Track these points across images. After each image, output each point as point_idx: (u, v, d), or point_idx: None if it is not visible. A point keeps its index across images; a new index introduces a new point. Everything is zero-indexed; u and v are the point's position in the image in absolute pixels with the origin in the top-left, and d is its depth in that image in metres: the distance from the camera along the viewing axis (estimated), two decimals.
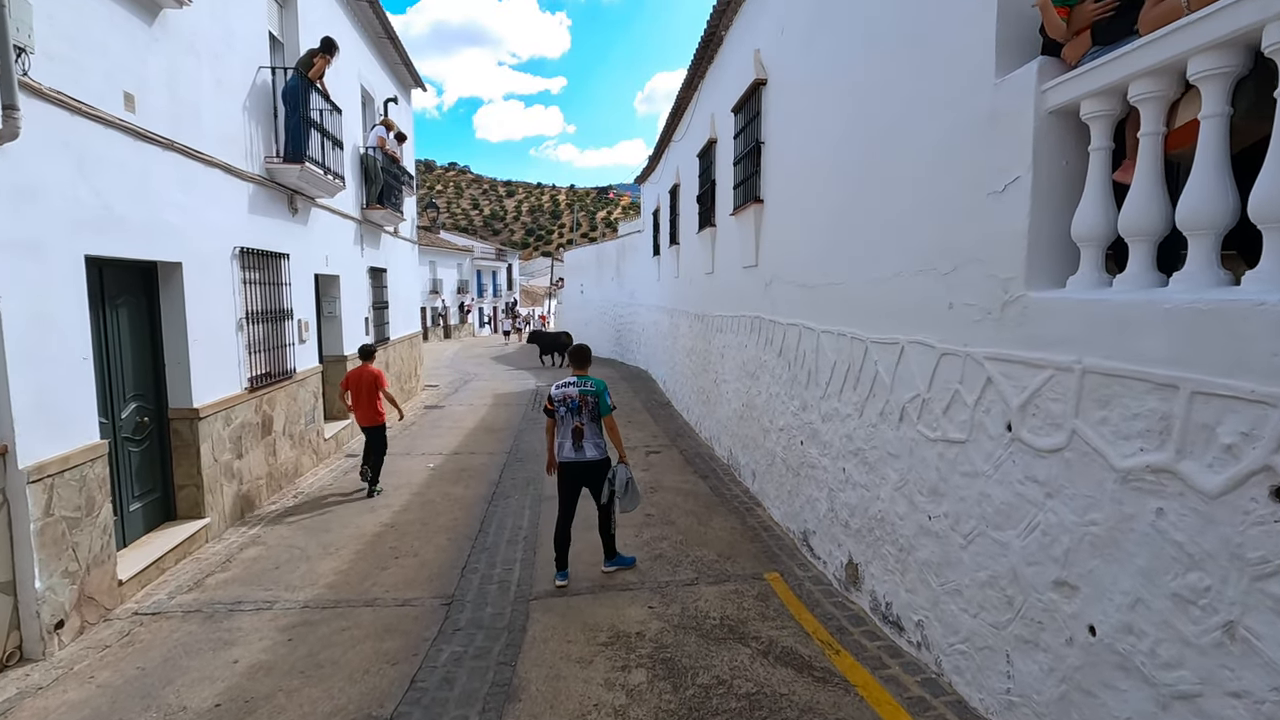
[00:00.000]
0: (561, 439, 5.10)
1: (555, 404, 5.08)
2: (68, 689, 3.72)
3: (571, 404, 5.04)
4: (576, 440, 5.04)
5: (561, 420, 5.08)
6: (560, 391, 5.09)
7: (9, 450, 3.83)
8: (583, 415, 5.03)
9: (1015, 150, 2.95)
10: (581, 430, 5.02)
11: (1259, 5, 1.88)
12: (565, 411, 5.06)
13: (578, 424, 5.03)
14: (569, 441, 5.06)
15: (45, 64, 4.13)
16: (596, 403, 5.05)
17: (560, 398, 5.07)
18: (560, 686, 3.70)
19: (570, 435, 5.04)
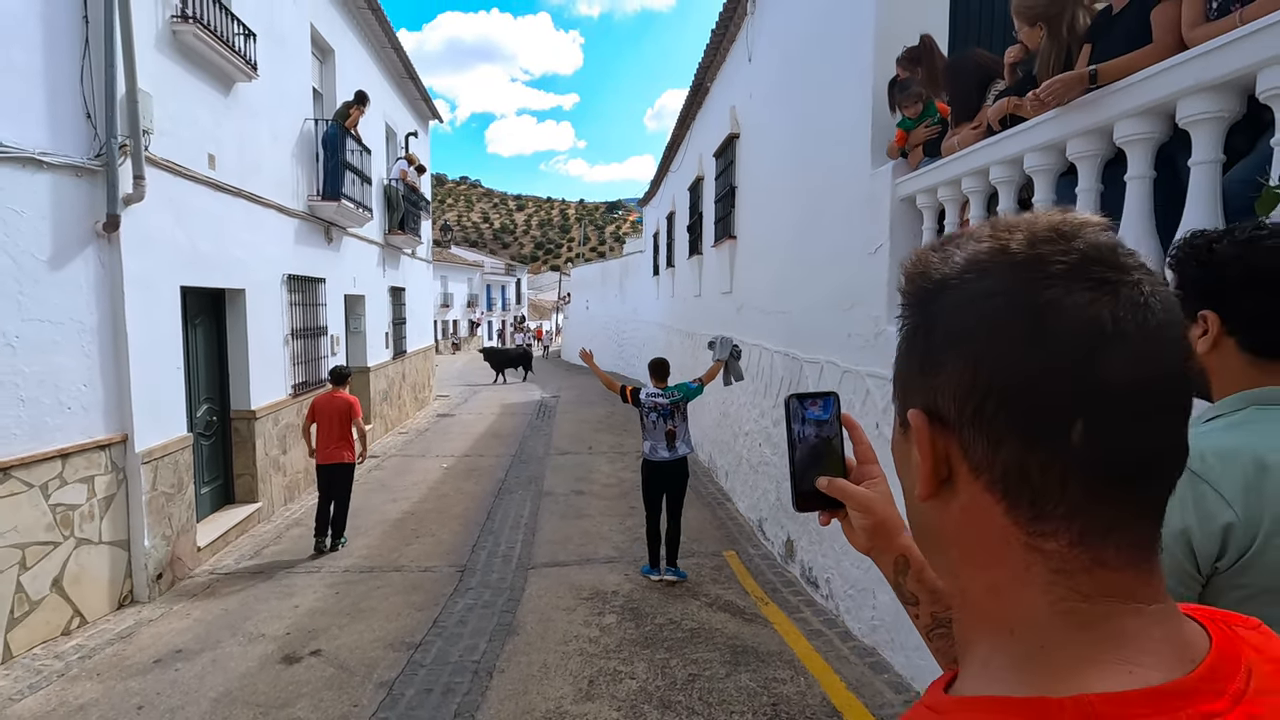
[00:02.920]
0: (654, 442, 5.51)
1: (645, 409, 5.52)
2: (171, 621, 4.84)
3: (663, 410, 5.47)
4: (670, 442, 5.47)
5: (653, 425, 5.50)
6: (651, 400, 5.51)
7: (129, 438, 4.98)
8: (675, 419, 5.50)
9: (882, 223, 4.07)
10: (674, 432, 5.49)
11: (985, 154, 2.99)
12: (656, 417, 5.48)
13: (670, 427, 5.47)
14: (662, 444, 5.48)
15: (157, 139, 5.32)
16: (687, 401, 5.57)
17: (651, 405, 5.50)
18: (549, 626, 4.79)
19: (664, 438, 5.47)
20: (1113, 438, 0.41)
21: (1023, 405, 0.42)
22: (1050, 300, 0.41)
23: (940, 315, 0.46)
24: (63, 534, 4.51)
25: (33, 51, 4.35)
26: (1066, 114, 2.42)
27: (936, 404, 0.46)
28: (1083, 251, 0.42)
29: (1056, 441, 0.41)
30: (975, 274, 0.45)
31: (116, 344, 4.91)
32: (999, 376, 0.42)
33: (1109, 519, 0.42)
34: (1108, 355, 0.41)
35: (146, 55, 5.13)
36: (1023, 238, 0.44)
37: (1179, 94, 1.99)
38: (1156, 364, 0.42)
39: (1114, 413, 0.41)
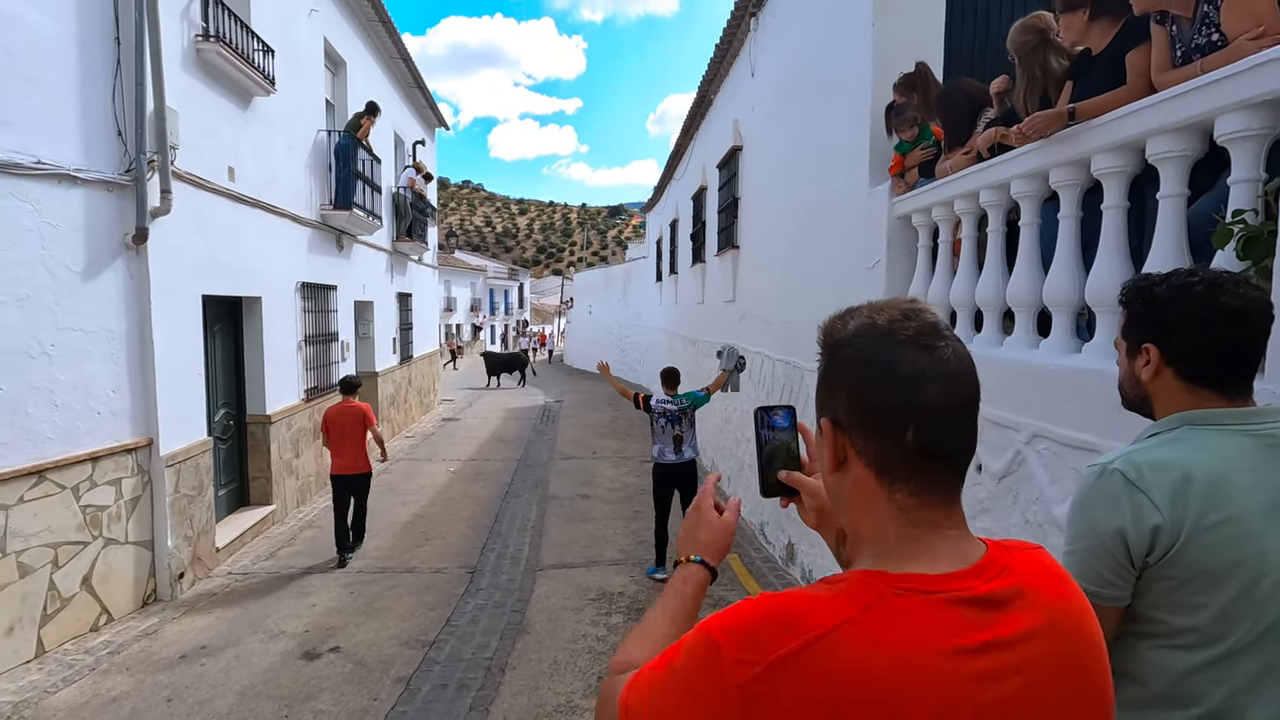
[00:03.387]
0: (663, 446, 5.88)
1: (655, 415, 5.89)
2: (194, 619, 5.02)
3: (671, 416, 5.86)
4: (677, 445, 5.86)
5: (662, 430, 5.87)
6: (661, 406, 5.89)
7: (154, 442, 5.17)
8: (682, 425, 5.88)
9: (879, 239, 4.26)
10: (681, 437, 5.87)
11: (975, 179, 3.18)
12: (665, 423, 5.85)
13: (678, 432, 5.86)
14: (670, 447, 5.86)
15: (181, 153, 5.52)
16: (694, 409, 5.97)
17: (660, 411, 5.88)
18: (558, 625, 4.96)
19: (671, 442, 5.86)
20: (931, 437, 0.72)
21: (882, 417, 0.73)
22: (896, 357, 0.72)
23: (839, 361, 0.77)
24: (92, 534, 4.70)
25: (68, 73, 4.55)
26: (1049, 146, 2.61)
27: (836, 415, 0.77)
28: (917, 327, 0.73)
29: (901, 438, 0.72)
30: (858, 338, 0.76)
31: (143, 351, 5.11)
32: (869, 400, 0.74)
33: (931, 482, 0.73)
34: (926, 389, 0.71)
35: (172, 73, 5.34)
36: (884, 318, 0.75)
37: (1148, 133, 2.18)
38: (955, 395, 0.72)
39: (931, 422, 0.71)
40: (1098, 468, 1.21)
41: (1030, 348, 2.87)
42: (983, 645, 0.68)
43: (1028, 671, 0.69)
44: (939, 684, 0.66)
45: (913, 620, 0.67)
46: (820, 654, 0.65)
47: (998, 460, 2.96)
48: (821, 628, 0.66)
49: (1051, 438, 2.60)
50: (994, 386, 2.99)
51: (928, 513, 0.74)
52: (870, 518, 0.76)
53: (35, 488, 4.32)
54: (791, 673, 0.65)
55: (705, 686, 0.69)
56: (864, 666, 0.65)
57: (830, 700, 0.64)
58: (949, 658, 0.66)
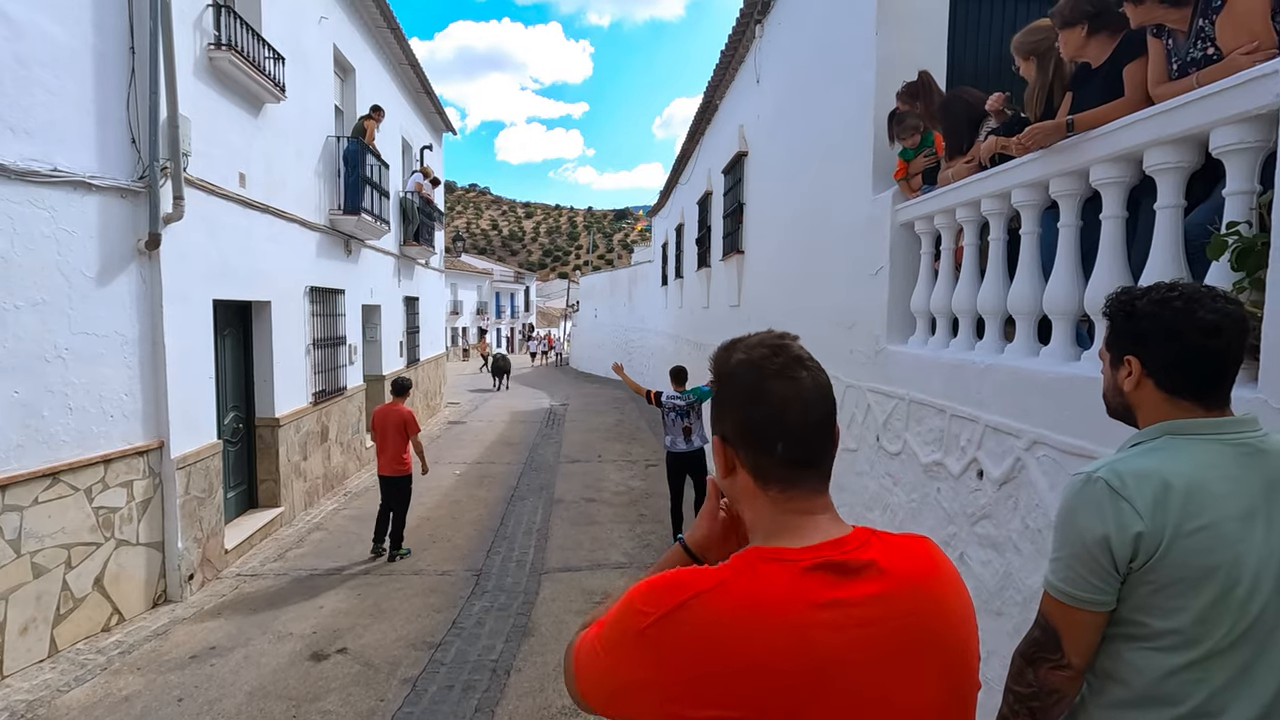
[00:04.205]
0: (674, 436, 6.66)
1: (666, 409, 6.67)
2: (204, 620, 5.08)
3: (680, 410, 6.63)
4: (687, 436, 6.64)
5: (672, 423, 6.65)
6: (671, 402, 6.67)
7: (165, 444, 5.24)
8: (690, 417, 6.64)
9: (882, 246, 4.29)
10: (690, 429, 6.64)
11: (976, 188, 3.21)
12: (676, 416, 6.62)
13: (687, 424, 6.64)
14: (680, 438, 6.63)
15: (193, 160, 5.60)
16: (700, 403, 6.67)
17: (670, 406, 6.66)
18: (563, 628, 5.00)
19: (682, 433, 6.63)
20: (795, 449, 0.89)
21: (756, 435, 0.90)
22: (766, 385, 0.89)
23: (724, 389, 0.94)
24: (104, 535, 4.77)
25: (84, 82, 4.63)
26: (1049, 156, 2.64)
27: (725, 433, 0.94)
28: (784, 361, 0.90)
29: (772, 451, 0.89)
30: (738, 369, 0.92)
31: (155, 355, 5.18)
32: (746, 421, 0.91)
33: (796, 481, 0.90)
34: (789, 413, 0.88)
35: (185, 81, 5.42)
36: (759, 353, 0.92)
37: (1146, 145, 2.21)
38: (813, 415, 0.89)
39: (795, 438, 0.89)
40: (1083, 476, 1.25)
41: (1031, 355, 2.90)
42: (829, 602, 0.82)
43: (869, 628, 0.82)
44: (788, 628, 0.80)
45: (772, 580, 0.83)
46: (695, 608, 0.82)
47: (998, 466, 2.99)
48: (700, 587, 0.83)
49: (1051, 445, 2.63)
50: (995, 393, 3.02)
51: (796, 503, 0.90)
52: (753, 509, 0.93)
53: (49, 489, 4.39)
54: (675, 622, 0.82)
55: (621, 634, 0.86)
56: (726, 615, 0.81)
57: (703, 642, 0.80)
58: (798, 609, 0.81)
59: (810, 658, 0.79)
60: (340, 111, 9.85)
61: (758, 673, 0.78)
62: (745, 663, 0.79)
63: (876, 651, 0.82)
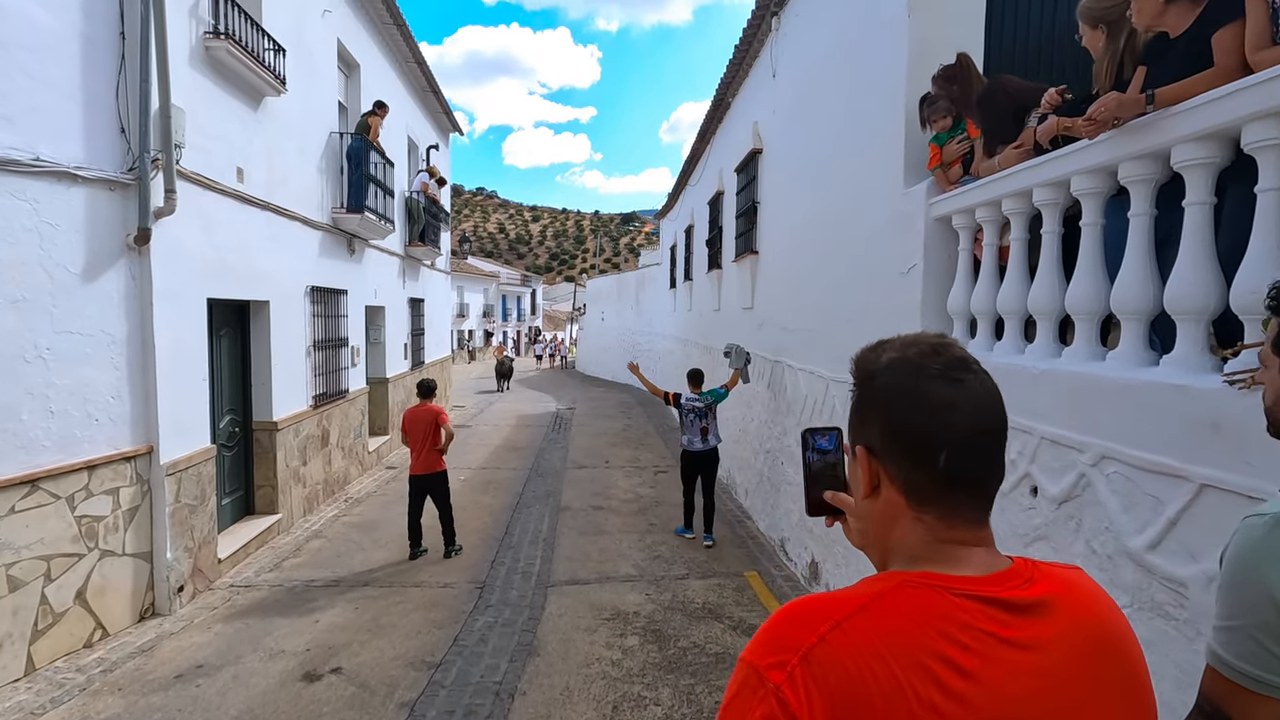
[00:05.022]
0: (691, 436, 6.93)
1: (684, 410, 6.97)
2: (193, 635, 4.82)
3: (699, 411, 6.92)
4: (704, 436, 6.92)
5: (690, 423, 6.93)
6: (690, 403, 6.98)
7: (154, 449, 4.99)
8: (708, 418, 6.94)
9: (915, 244, 4.00)
10: (706, 429, 6.93)
11: (1029, 175, 2.93)
12: (694, 417, 6.90)
13: (704, 425, 6.92)
14: (697, 437, 6.90)
15: (188, 153, 5.37)
16: (716, 405, 7.02)
17: (689, 407, 6.96)
18: (571, 647, 4.72)
19: (699, 433, 6.90)
20: (959, 464, 0.76)
21: (912, 445, 0.77)
22: (928, 389, 0.77)
23: (872, 392, 0.82)
24: (87, 546, 4.52)
25: (71, 68, 4.41)
26: (1121, 136, 2.36)
27: (870, 443, 0.82)
28: (946, 361, 0.78)
29: (933, 466, 0.76)
30: (890, 370, 0.80)
31: (144, 356, 4.94)
32: (901, 430, 0.78)
33: (958, 505, 0.78)
34: (954, 420, 0.75)
35: (180, 71, 5.20)
36: (914, 352, 0.80)
37: (1245, 119, 1.93)
38: (983, 425, 0.77)
39: (960, 451, 0.76)
40: (1269, 520, 0.96)
41: (1094, 359, 2.61)
42: (1002, 639, 0.71)
43: (1046, 678, 0.72)
44: (966, 649, 0.70)
45: (921, 604, 0.72)
46: (835, 642, 0.70)
47: (1056, 483, 2.69)
48: (837, 617, 0.71)
49: (1124, 460, 2.34)
50: (1051, 402, 2.73)
51: (955, 532, 0.78)
52: (898, 534, 0.81)
53: (28, 498, 4.14)
54: (818, 663, 0.68)
55: (755, 704, 0.69)
56: (869, 644, 0.69)
57: (848, 683, 0.68)
58: (973, 632, 0.71)
59: (981, 703, 0.68)
60: (344, 108, 9.63)
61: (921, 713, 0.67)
62: (906, 706, 0.67)
63: (1056, 703, 0.72)
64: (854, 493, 0.88)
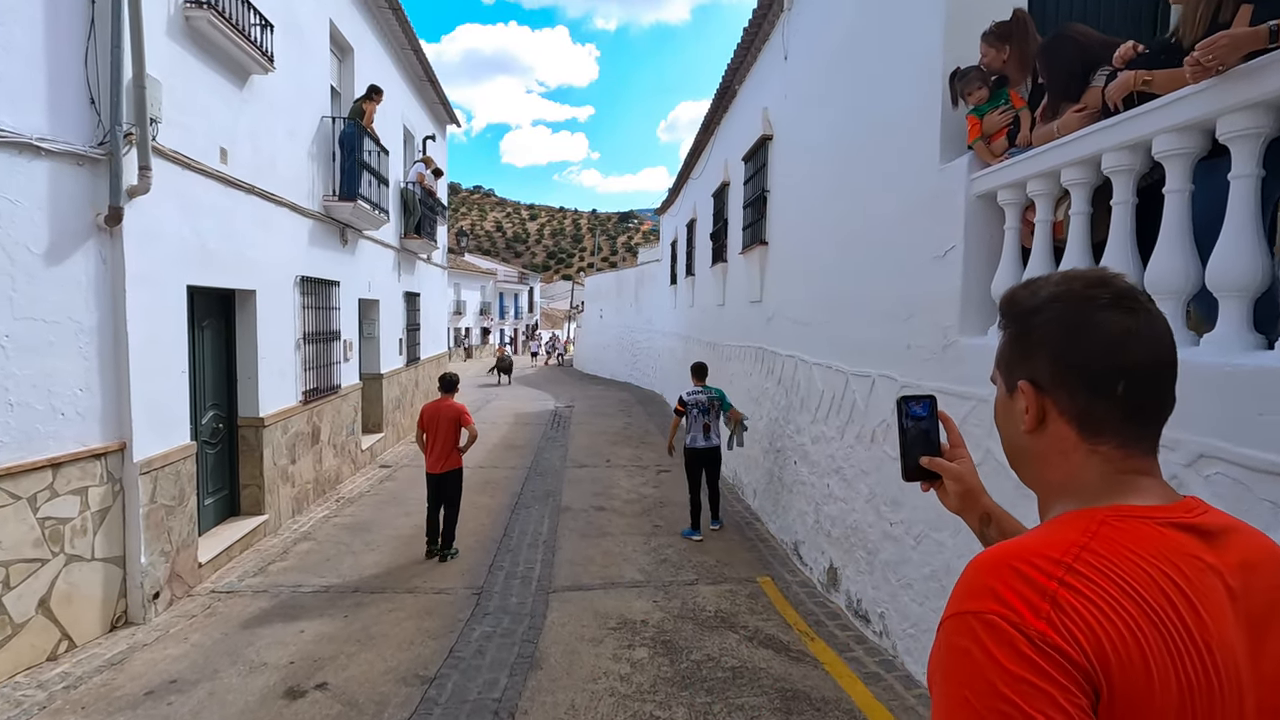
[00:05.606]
0: (694, 432, 6.84)
1: (688, 406, 6.87)
2: (168, 646, 4.48)
3: (702, 406, 6.86)
4: (705, 432, 6.84)
5: (694, 419, 6.84)
6: (693, 398, 6.89)
7: (127, 446, 4.64)
8: (711, 414, 6.87)
9: (953, 224, 3.68)
10: (709, 426, 6.86)
11: (1097, 139, 2.60)
12: (697, 412, 6.84)
13: (706, 421, 6.85)
14: (700, 434, 6.83)
15: (166, 129, 5.02)
16: (720, 404, 6.96)
17: (693, 402, 6.87)
18: (575, 659, 4.38)
19: (701, 429, 6.83)
20: (1138, 393, 0.77)
21: (1088, 374, 0.79)
22: (1101, 319, 0.78)
23: (1035, 325, 0.83)
24: (51, 550, 4.17)
25: (34, 31, 4.05)
26: (1224, 85, 2.04)
27: (1035, 377, 0.83)
28: (1115, 291, 0.79)
29: (1109, 395, 0.78)
30: (1055, 303, 0.82)
31: (116, 346, 4.59)
32: (1076, 361, 0.79)
33: (1135, 435, 0.79)
34: (1132, 348, 0.77)
35: (157, 41, 4.85)
36: (1080, 284, 0.81)
37: None
38: (1160, 353, 0.78)
39: (1139, 379, 0.77)
40: None
41: (1187, 344, 2.29)
42: (1206, 566, 0.71)
43: (1243, 599, 0.72)
44: (1184, 575, 0.69)
45: (1142, 535, 0.72)
46: (1076, 584, 0.66)
47: None
48: (1067, 559, 0.68)
49: (1229, 460, 2.01)
50: None
51: (1134, 462, 0.78)
52: (1066, 469, 0.81)
53: None
54: (1068, 604, 0.65)
55: (1012, 653, 0.63)
56: (1108, 582, 0.66)
57: (1105, 622, 0.64)
58: (1186, 558, 0.71)
59: (1209, 626, 0.68)
60: (337, 93, 9.27)
61: (1162, 638, 0.66)
62: (1164, 637, 0.66)
63: (1252, 618, 0.72)
64: (1010, 432, 0.88)
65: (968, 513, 1.09)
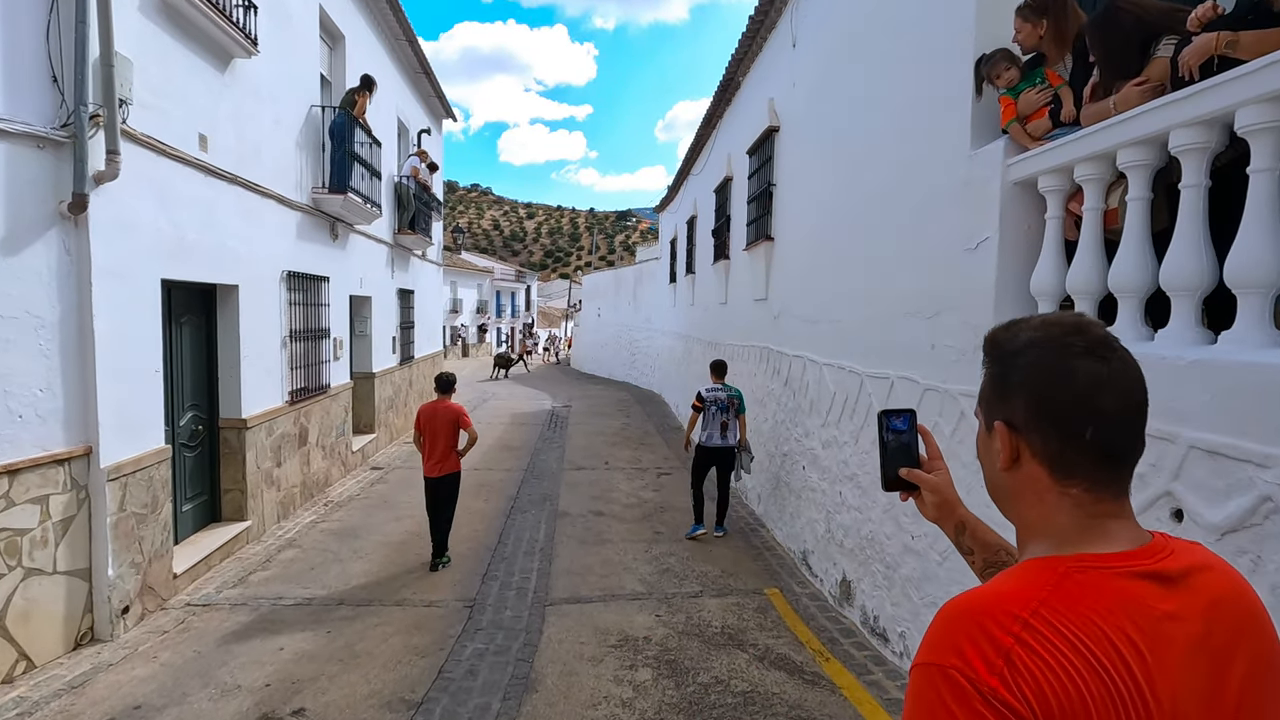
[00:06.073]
0: (711, 430, 6.68)
1: (706, 403, 6.69)
2: (135, 666, 4.17)
3: (721, 404, 6.68)
4: (723, 431, 6.69)
5: (712, 416, 6.68)
6: (711, 394, 6.70)
7: (93, 451, 4.33)
8: (729, 413, 6.70)
9: (987, 213, 3.39)
10: (726, 424, 6.70)
11: (1165, 114, 2.31)
12: (716, 410, 6.68)
13: (724, 420, 6.69)
14: (716, 431, 6.68)
15: (138, 112, 4.70)
16: (739, 403, 6.76)
17: (712, 399, 6.69)
18: (573, 681, 4.09)
19: (719, 428, 6.68)
20: (1107, 439, 0.80)
21: (1059, 418, 0.81)
22: (1074, 364, 0.80)
23: (1013, 369, 0.86)
24: (8, 564, 3.86)
25: None
26: None
27: (1010, 418, 0.86)
28: (1090, 339, 0.82)
29: (1080, 439, 0.80)
30: (1033, 348, 0.84)
31: (82, 343, 4.27)
32: (1047, 405, 0.82)
33: (1104, 478, 0.81)
34: (1103, 395, 0.79)
35: (128, 17, 4.54)
36: (1057, 330, 0.84)
37: None
38: (1130, 400, 0.81)
39: (1109, 424, 0.80)
40: None
41: (1270, 345, 2.00)
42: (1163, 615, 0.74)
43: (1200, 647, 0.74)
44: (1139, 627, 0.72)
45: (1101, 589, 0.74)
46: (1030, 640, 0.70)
47: (1217, 507, 2.08)
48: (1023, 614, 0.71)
49: None
50: (1206, 401, 2.11)
51: (1104, 505, 0.81)
52: (1040, 510, 0.84)
53: None
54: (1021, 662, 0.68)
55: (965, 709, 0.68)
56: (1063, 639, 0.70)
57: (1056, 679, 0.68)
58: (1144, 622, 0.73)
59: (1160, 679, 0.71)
60: (328, 82, 8.95)
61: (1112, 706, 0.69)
62: (1110, 694, 0.69)
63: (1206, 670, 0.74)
64: (988, 467, 0.91)
65: (944, 521, 1.16)
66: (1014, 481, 0.86)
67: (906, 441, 1.14)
